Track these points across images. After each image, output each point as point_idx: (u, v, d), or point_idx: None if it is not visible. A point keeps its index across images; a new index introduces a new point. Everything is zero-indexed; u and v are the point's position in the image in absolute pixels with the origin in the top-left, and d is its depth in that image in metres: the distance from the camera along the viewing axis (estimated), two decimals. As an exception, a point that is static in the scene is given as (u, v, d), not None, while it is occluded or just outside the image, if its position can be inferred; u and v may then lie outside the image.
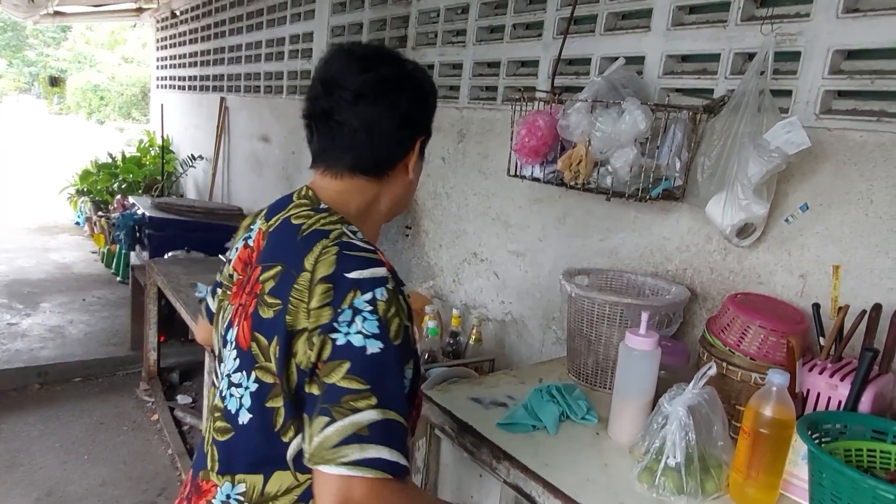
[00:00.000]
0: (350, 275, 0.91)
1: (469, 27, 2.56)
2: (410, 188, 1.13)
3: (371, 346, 0.87)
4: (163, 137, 6.92)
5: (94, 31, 21.91)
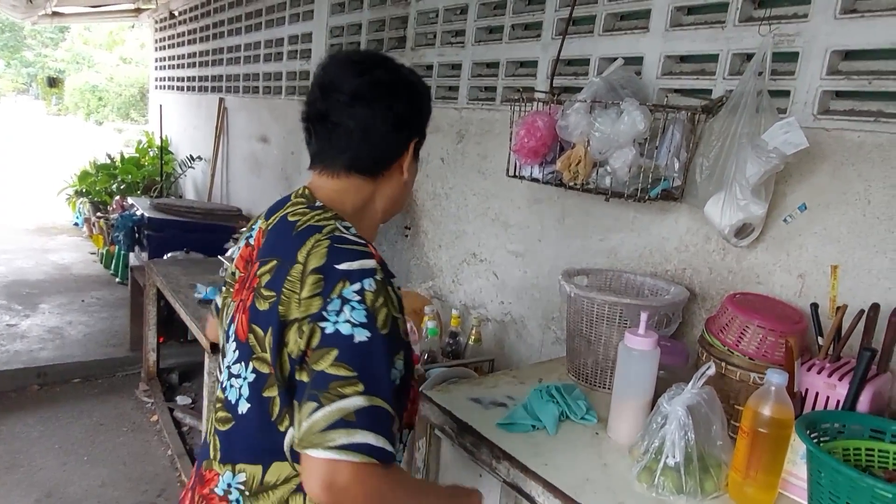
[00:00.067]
0: (340, 266, 0.94)
1: (468, 28, 2.56)
2: (406, 188, 1.16)
3: (359, 335, 0.90)
4: (161, 138, 6.92)
5: (93, 32, 21.89)
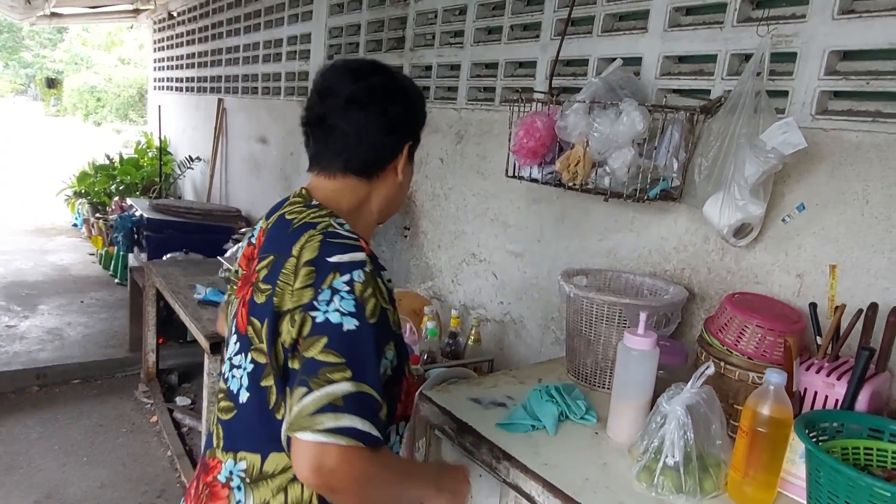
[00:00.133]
0: (331, 259, 0.99)
1: (467, 28, 2.56)
2: (401, 190, 1.21)
3: (347, 323, 0.95)
4: (160, 139, 6.93)
5: (91, 33, 21.88)
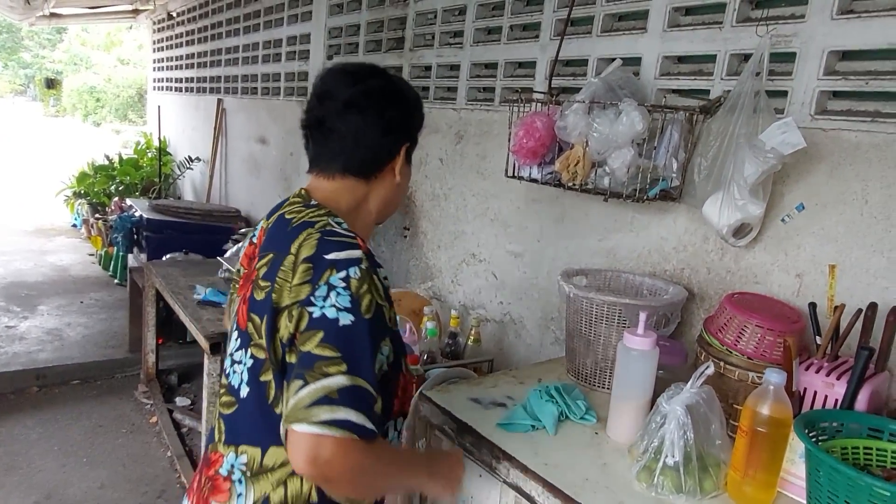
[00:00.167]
0: (328, 256, 1.01)
1: (466, 28, 2.56)
2: (398, 190, 1.23)
3: (343, 319, 0.97)
4: (160, 139, 6.93)
5: (90, 33, 21.88)
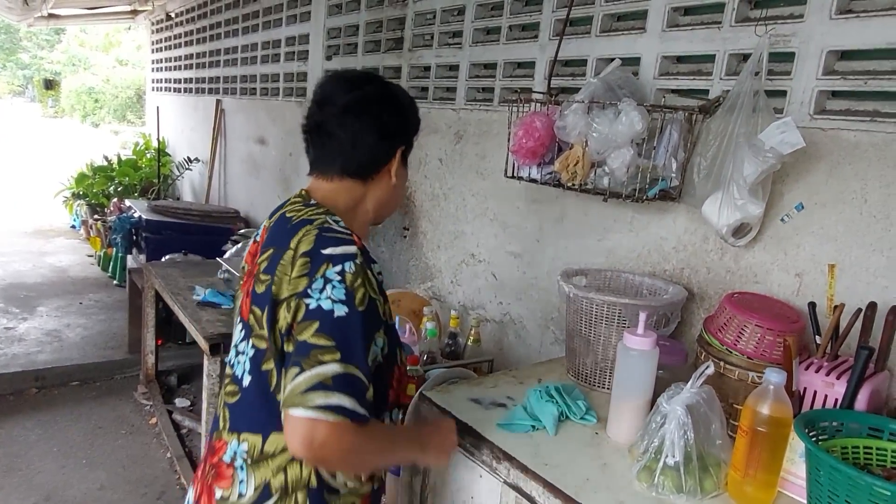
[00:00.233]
0: (325, 251, 1.08)
1: (465, 29, 2.56)
2: (395, 191, 1.28)
3: (338, 310, 1.03)
4: (158, 140, 6.92)
5: (89, 34, 21.86)
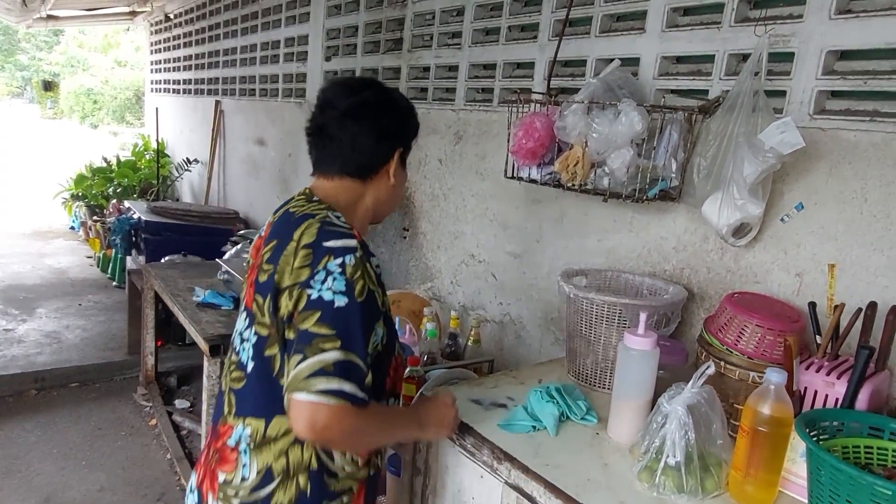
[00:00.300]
0: (326, 244, 1.13)
1: (465, 29, 2.56)
2: (394, 191, 1.33)
3: (338, 301, 1.09)
4: (157, 141, 6.91)
5: (88, 35, 21.83)
